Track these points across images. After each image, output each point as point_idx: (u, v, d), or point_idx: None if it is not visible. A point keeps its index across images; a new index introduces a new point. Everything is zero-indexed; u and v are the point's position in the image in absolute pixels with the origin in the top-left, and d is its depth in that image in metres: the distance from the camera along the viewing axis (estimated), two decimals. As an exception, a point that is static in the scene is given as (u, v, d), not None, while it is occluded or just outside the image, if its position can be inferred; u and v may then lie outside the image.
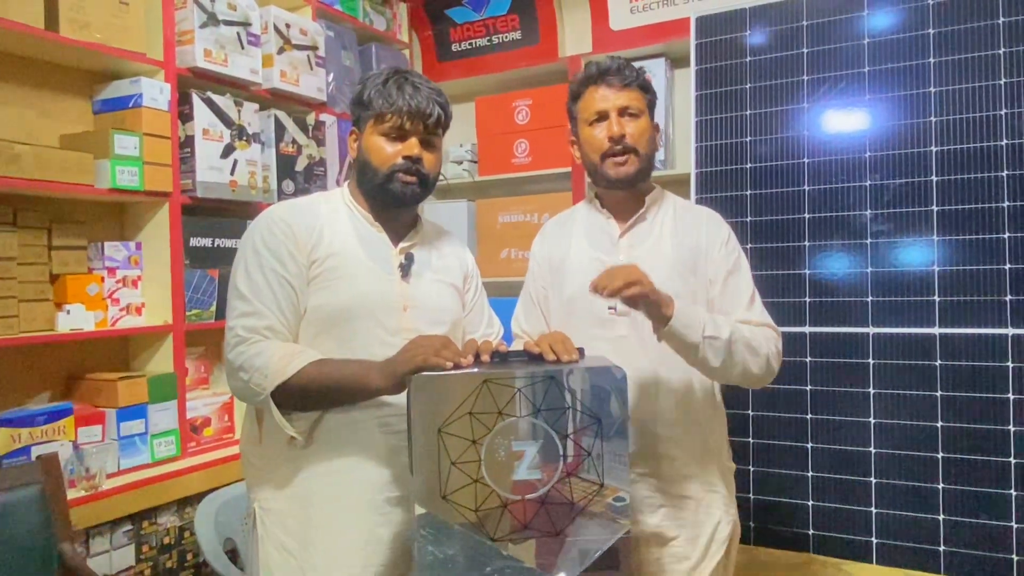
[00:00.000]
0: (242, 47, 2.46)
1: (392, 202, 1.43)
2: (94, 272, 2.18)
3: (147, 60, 2.23)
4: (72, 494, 1.91)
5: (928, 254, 2.18)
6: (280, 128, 2.63)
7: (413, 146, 1.40)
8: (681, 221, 1.58)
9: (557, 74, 3.21)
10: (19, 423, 1.91)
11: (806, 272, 2.34)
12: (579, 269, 1.57)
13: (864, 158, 2.29)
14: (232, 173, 2.41)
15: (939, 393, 2.15)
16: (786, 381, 2.34)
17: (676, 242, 1.55)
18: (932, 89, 2.21)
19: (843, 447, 2.26)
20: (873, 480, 2.22)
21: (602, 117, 1.53)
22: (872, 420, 2.23)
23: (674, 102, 2.99)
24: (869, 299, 2.25)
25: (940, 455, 2.14)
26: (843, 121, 2.33)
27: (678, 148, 2.99)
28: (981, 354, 2.11)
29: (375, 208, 1.46)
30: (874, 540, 2.21)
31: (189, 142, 2.32)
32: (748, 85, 2.48)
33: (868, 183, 2.27)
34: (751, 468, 2.39)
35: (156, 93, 2.21)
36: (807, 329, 2.33)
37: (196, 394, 2.41)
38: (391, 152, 1.40)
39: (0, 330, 1.91)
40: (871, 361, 2.24)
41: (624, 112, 1.52)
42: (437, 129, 1.44)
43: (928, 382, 2.17)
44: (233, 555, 1.97)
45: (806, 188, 2.36)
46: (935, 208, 2.18)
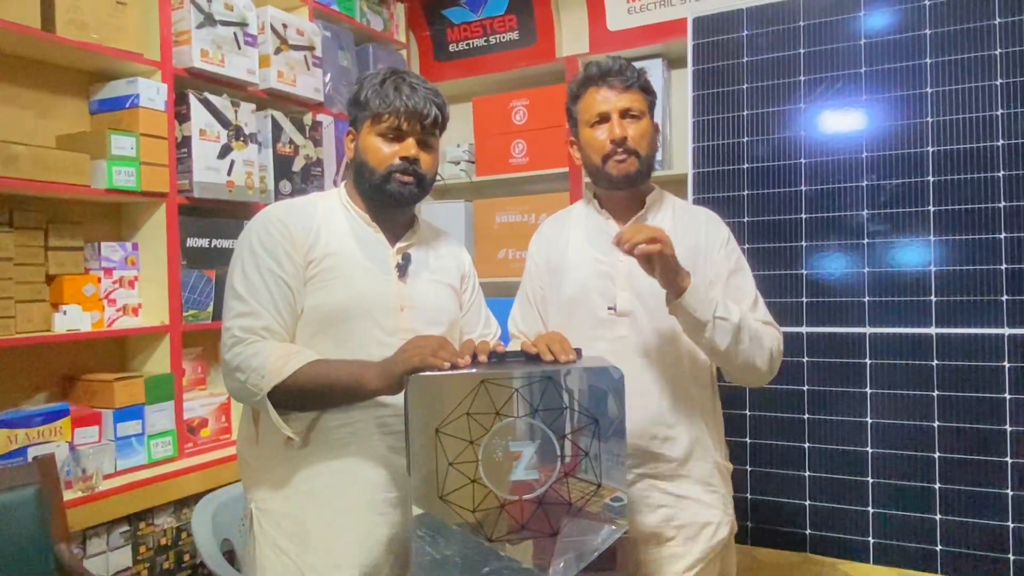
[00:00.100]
0: (239, 47, 2.46)
1: (389, 202, 1.43)
2: (91, 273, 2.18)
3: (144, 60, 2.23)
4: (69, 495, 1.90)
5: (925, 254, 2.19)
6: (277, 128, 2.62)
7: (410, 147, 1.40)
8: (680, 222, 1.58)
9: (554, 74, 3.21)
10: (15, 424, 1.90)
11: (803, 272, 2.35)
12: (578, 270, 1.57)
13: (861, 158, 2.29)
14: (229, 173, 2.41)
15: (936, 393, 2.15)
16: (783, 381, 2.34)
17: (675, 243, 1.54)
18: (928, 90, 2.21)
19: (840, 447, 2.27)
20: (870, 480, 2.22)
21: (603, 119, 1.52)
22: (869, 420, 2.23)
23: (671, 103, 3.00)
24: (866, 299, 2.25)
25: (937, 455, 2.14)
26: (840, 121, 2.34)
27: (675, 148, 3.00)
28: (977, 354, 2.11)
29: (372, 208, 1.46)
30: (871, 540, 2.21)
31: (186, 142, 2.31)
32: (745, 85, 2.48)
33: (865, 183, 2.28)
34: (748, 468, 2.39)
35: (153, 93, 2.21)
36: (804, 329, 2.33)
37: (193, 395, 2.41)
38: (388, 152, 1.40)
39: (-4, 331, 1.91)
40: (868, 361, 2.24)
41: (626, 114, 1.51)
42: (434, 129, 1.44)
43: (925, 382, 2.17)
44: (230, 556, 1.97)
45: (803, 188, 2.37)
46: (931, 208, 2.19)
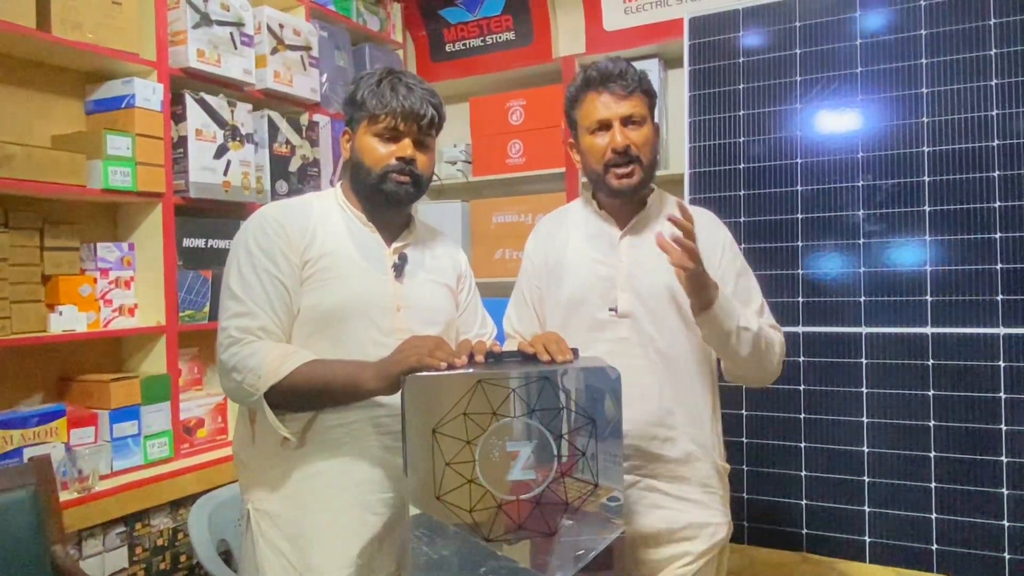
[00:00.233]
0: (235, 47, 2.46)
1: (385, 202, 1.43)
2: (86, 273, 2.17)
3: (140, 60, 2.23)
4: (65, 496, 1.90)
5: (920, 254, 2.19)
6: (273, 128, 2.62)
7: (406, 147, 1.40)
8: None
9: (551, 74, 3.21)
10: (11, 425, 1.90)
11: (799, 272, 2.35)
12: (578, 271, 1.56)
13: (857, 158, 2.29)
14: (225, 174, 2.41)
15: (931, 392, 2.16)
16: (779, 381, 2.30)
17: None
18: (924, 90, 2.22)
19: (836, 446, 2.27)
20: (866, 479, 2.23)
21: (604, 126, 1.49)
22: (865, 419, 2.24)
23: (667, 103, 3.00)
24: (862, 299, 2.26)
25: (932, 454, 2.15)
26: (836, 122, 2.34)
27: (672, 149, 3.00)
28: (973, 353, 2.12)
29: (368, 208, 1.46)
30: (867, 539, 2.22)
31: (182, 143, 2.31)
32: (741, 86, 2.48)
33: (860, 183, 2.28)
34: (745, 468, 2.39)
35: (149, 93, 2.21)
36: (800, 329, 2.33)
37: (189, 395, 2.40)
38: (384, 153, 1.40)
39: (-8, 331, 1.91)
40: (864, 361, 2.25)
41: (627, 121, 1.48)
42: (431, 130, 1.44)
43: (920, 381, 2.17)
44: (227, 556, 1.96)
45: (799, 188, 2.37)
46: (927, 208, 2.19)
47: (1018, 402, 2.06)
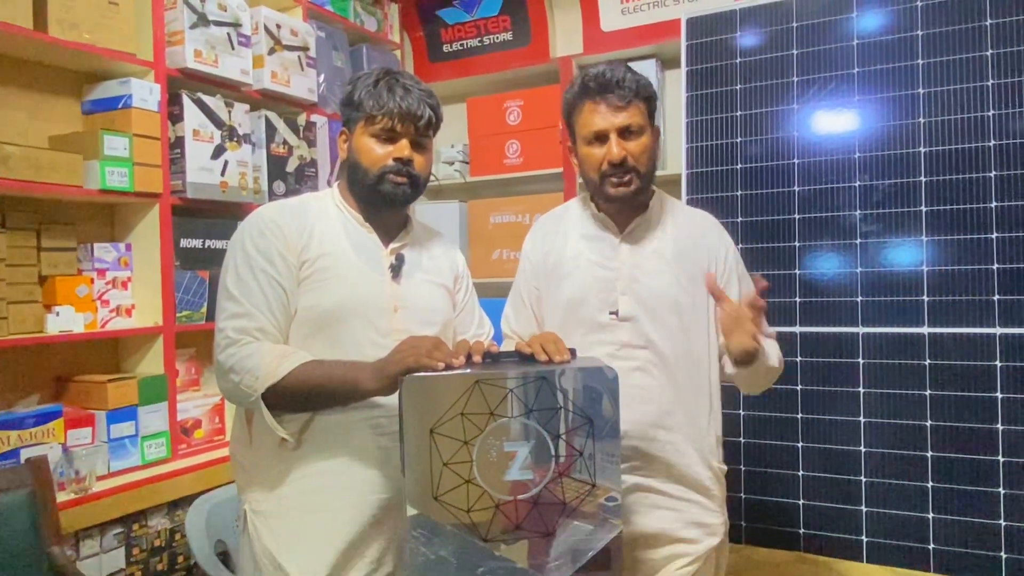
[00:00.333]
0: (232, 48, 2.45)
1: (383, 203, 1.43)
2: (83, 273, 2.17)
3: (137, 61, 2.22)
4: (62, 497, 1.89)
5: (917, 254, 2.20)
6: (271, 129, 2.62)
7: (404, 148, 1.40)
8: (682, 227, 1.57)
9: (548, 75, 3.21)
10: (8, 426, 1.90)
11: (796, 272, 2.36)
12: (577, 273, 1.55)
13: (854, 159, 2.30)
14: (223, 174, 2.41)
15: (928, 392, 2.16)
16: (777, 381, 2.34)
17: (677, 249, 1.54)
18: (921, 90, 2.22)
19: (833, 446, 2.27)
20: (863, 479, 2.23)
21: (600, 137, 1.47)
22: (862, 419, 2.24)
23: (665, 103, 3.00)
24: (858, 299, 2.26)
25: (929, 454, 2.15)
26: (833, 122, 2.34)
27: (669, 149, 3.00)
28: (969, 353, 2.12)
29: (365, 209, 1.46)
30: (864, 539, 2.22)
31: (179, 143, 2.31)
32: (738, 86, 2.49)
33: (858, 184, 2.29)
34: (742, 468, 2.39)
35: (146, 94, 2.21)
36: (797, 329, 2.34)
37: (187, 396, 2.40)
38: (381, 154, 1.40)
39: (-11, 332, 1.91)
40: (860, 361, 2.25)
41: (624, 132, 1.46)
42: (428, 131, 1.44)
43: (917, 381, 2.18)
44: (225, 557, 1.96)
45: (796, 189, 2.37)
46: (924, 208, 2.20)
47: (1014, 402, 2.06)
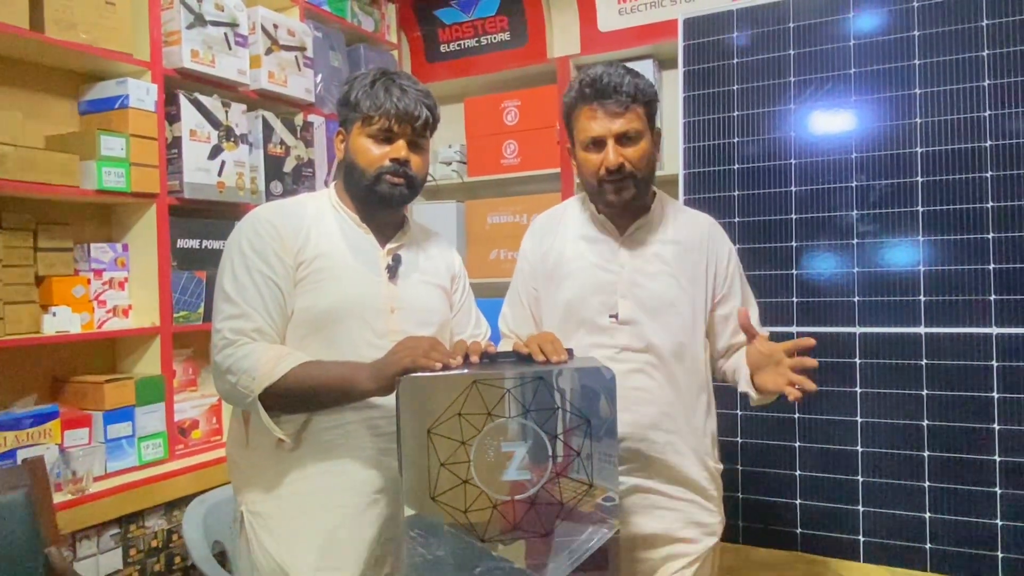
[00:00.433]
0: (229, 48, 2.45)
1: (379, 204, 1.43)
2: (80, 274, 2.16)
3: (133, 61, 2.22)
4: (58, 498, 1.89)
5: (914, 254, 2.20)
6: (268, 129, 2.62)
7: (400, 148, 1.40)
8: (683, 229, 1.57)
9: (546, 75, 3.21)
10: (5, 426, 1.89)
11: (793, 272, 2.36)
12: (577, 275, 1.54)
13: (850, 159, 2.30)
14: (220, 174, 2.40)
15: (925, 392, 2.16)
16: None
17: (678, 251, 1.54)
18: (917, 91, 2.23)
19: (830, 446, 2.28)
20: (860, 479, 2.23)
21: (598, 143, 1.46)
22: (859, 419, 2.24)
23: (662, 103, 3.00)
24: (855, 299, 2.27)
25: (926, 454, 2.15)
26: (829, 122, 2.35)
27: (666, 149, 3.00)
28: (966, 353, 2.13)
29: (362, 209, 1.46)
30: (861, 538, 2.22)
31: (176, 143, 2.30)
32: (735, 86, 2.49)
33: (854, 184, 2.29)
34: (739, 467, 2.39)
35: (143, 94, 2.20)
36: (794, 329, 2.34)
37: (184, 396, 2.40)
38: (378, 154, 1.40)
39: (-15, 333, 1.90)
40: (858, 360, 2.25)
41: (622, 138, 1.45)
42: (425, 131, 1.44)
43: (914, 381, 2.18)
44: (222, 558, 1.96)
45: (793, 189, 2.38)
46: (920, 209, 2.20)
47: (1011, 402, 2.06)
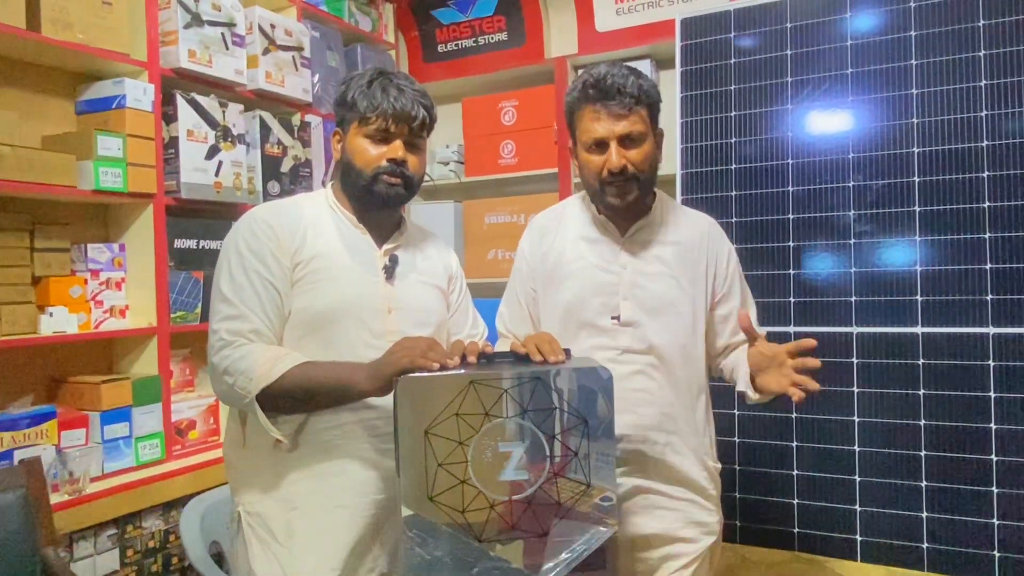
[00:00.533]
0: (227, 48, 2.45)
1: (376, 204, 1.43)
2: (77, 274, 2.16)
3: (130, 61, 2.22)
4: (55, 498, 1.89)
5: (910, 254, 2.21)
6: (265, 129, 2.61)
7: (397, 148, 1.40)
8: (683, 230, 1.57)
9: (543, 75, 3.21)
10: (1, 427, 1.89)
11: (791, 272, 2.36)
12: (578, 276, 1.54)
13: (847, 159, 2.30)
14: (217, 174, 2.40)
15: (922, 392, 2.17)
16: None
17: (678, 252, 1.54)
18: (914, 91, 2.23)
19: (827, 446, 2.28)
20: (857, 478, 2.24)
21: (601, 145, 1.45)
22: (856, 419, 2.24)
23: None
24: (853, 299, 2.27)
25: (923, 453, 2.16)
26: (827, 122, 2.35)
27: (663, 149, 3.00)
28: (963, 353, 2.13)
29: (359, 210, 1.46)
30: (858, 538, 2.23)
31: (173, 143, 2.30)
32: (733, 87, 2.49)
33: (851, 184, 2.29)
34: (737, 467, 2.40)
35: (140, 94, 2.20)
36: (792, 329, 2.34)
37: (181, 397, 2.39)
38: (375, 154, 1.40)
39: (-19, 333, 1.90)
40: (855, 360, 2.26)
41: (625, 139, 1.44)
42: (422, 131, 1.44)
43: (911, 381, 2.18)
44: (219, 558, 1.96)
45: (790, 189, 2.38)
46: (917, 208, 2.20)
47: (1008, 401, 2.07)
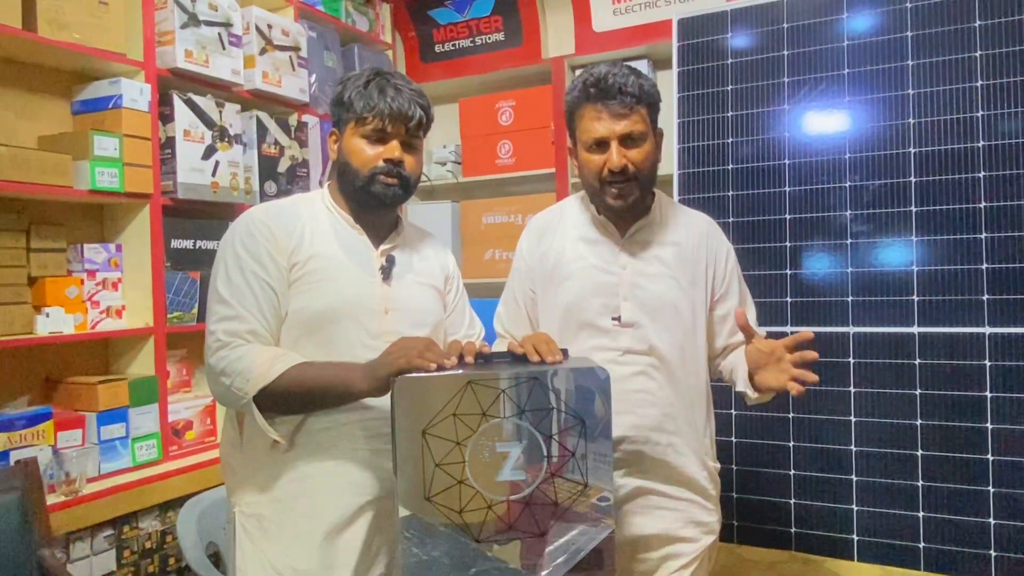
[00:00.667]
0: (223, 48, 2.44)
1: (373, 204, 1.43)
2: (73, 275, 2.16)
3: (127, 61, 2.21)
4: (52, 499, 1.89)
5: (907, 254, 2.21)
6: (262, 129, 2.61)
7: (394, 149, 1.40)
8: (682, 230, 1.57)
9: (540, 75, 3.22)
10: (-3, 428, 1.89)
11: (787, 272, 2.36)
12: (578, 277, 1.54)
13: (844, 159, 2.31)
14: (214, 174, 2.40)
15: (918, 391, 2.17)
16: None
17: (678, 252, 1.54)
18: (910, 91, 2.23)
19: (824, 445, 2.28)
20: (854, 478, 2.24)
21: (601, 144, 1.45)
22: (853, 419, 2.25)
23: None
24: (849, 299, 2.27)
25: (920, 453, 2.16)
26: (823, 123, 2.35)
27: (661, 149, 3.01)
28: (959, 353, 2.13)
29: (356, 210, 1.46)
30: (855, 537, 2.23)
31: (170, 143, 2.30)
32: (730, 87, 2.49)
33: (848, 184, 2.30)
34: (734, 467, 2.40)
35: (136, 94, 2.20)
36: (789, 329, 2.34)
37: (178, 397, 2.39)
38: (372, 155, 1.40)
39: (-23, 334, 1.89)
40: (851, 360, 2.26)
41: (625, 139, 1.44)
42: (418, 131, 1.44)
43: (908, 381, 2.19)
44: (216, 559, 1.96)
45: (787, 189, 2.38)
46: (914, 209, 2.21)
47: (1004, 401, 2.07)
